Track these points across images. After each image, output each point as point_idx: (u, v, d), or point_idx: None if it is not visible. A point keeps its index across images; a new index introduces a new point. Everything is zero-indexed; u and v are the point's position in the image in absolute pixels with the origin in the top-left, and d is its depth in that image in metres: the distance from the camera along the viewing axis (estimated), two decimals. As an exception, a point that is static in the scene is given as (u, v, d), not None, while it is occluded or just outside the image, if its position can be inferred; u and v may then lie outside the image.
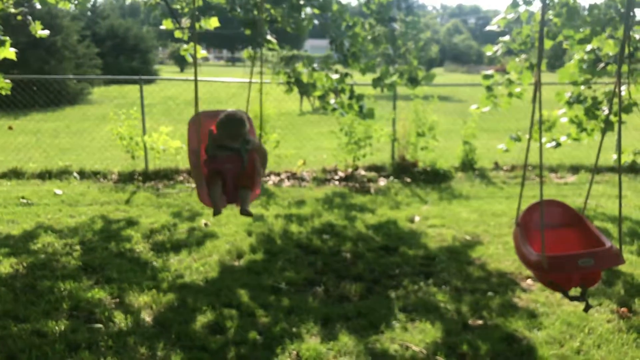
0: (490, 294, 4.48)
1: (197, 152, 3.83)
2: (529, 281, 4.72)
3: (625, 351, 3.61)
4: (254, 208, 6.33)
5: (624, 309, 4.18)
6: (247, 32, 6.18)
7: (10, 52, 5.26)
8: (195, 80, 3.73)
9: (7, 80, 5.56)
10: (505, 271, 4.97)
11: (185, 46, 6.97)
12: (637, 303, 4.29)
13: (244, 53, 7.25)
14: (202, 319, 3.98)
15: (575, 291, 3.45)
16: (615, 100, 4.65)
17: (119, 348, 3.57)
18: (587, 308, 3.39)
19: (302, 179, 8.59)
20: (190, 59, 7.04)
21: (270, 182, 8.30)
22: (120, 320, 3.93)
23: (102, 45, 27.96)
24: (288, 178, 8.64)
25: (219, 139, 3.89)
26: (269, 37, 6.19)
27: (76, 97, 18.67)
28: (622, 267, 4.89)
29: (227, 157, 3.89)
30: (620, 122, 3.54)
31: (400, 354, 3.57)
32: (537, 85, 3.37)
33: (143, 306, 4.17)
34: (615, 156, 8.27)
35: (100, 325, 3.85)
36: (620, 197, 3.39)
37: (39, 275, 4.67)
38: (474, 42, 76.46)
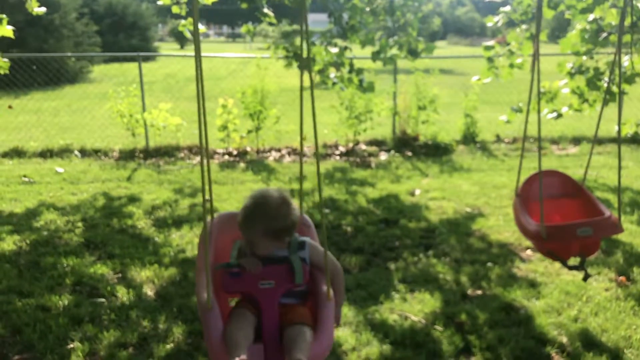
0: (489, 264, 4.51)
1: (206, 270, 2.04)
2: (529, 252, 4.74)
3: (622, 319, 3.64)
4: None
5: (622, 278, 4.21)
6: (244, 5, 6.11)
7: (7, 30, 5.21)
8: (197, 56, 3.67)
9: (6, 60, 5.53)
10: (505, 242, 4.99)
11: (183, 22, 6.89)
12: (635, 272, 4.31)
13: (243, 28, 7.17)
14: (204, 293, 4.02)
15: (574, 260, 3.47)
16: (617, 70, 4.61)
17: (121, 321, 3.62)
18: (586, 277, 3.42)
19: (303, 155, 8.58)
20: (189, 35, 6.97)
21: (271, 158, 8.30)
22: (123, 294, 3.98)
23: (101, 23, 27.65)
24: (289, 154, 8.63)
25: (250, 244, 2.18)
26: (266, 10, 6.12)
27: (76, 75, 18.54)
28: (622, 237, 4.91)
29: (264, 270, 2.11)
30: (621, 92, 3.52)
31: (399, 323, 3.61)
32: (536, 56, 3.34)
33: (145, 281, 4.21)
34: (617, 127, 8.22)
35: (102, 300, 3.90)
36: (619, 167, 3.38)
37: (42, 252, 4.71)
38: (477, 15, 75.35)
